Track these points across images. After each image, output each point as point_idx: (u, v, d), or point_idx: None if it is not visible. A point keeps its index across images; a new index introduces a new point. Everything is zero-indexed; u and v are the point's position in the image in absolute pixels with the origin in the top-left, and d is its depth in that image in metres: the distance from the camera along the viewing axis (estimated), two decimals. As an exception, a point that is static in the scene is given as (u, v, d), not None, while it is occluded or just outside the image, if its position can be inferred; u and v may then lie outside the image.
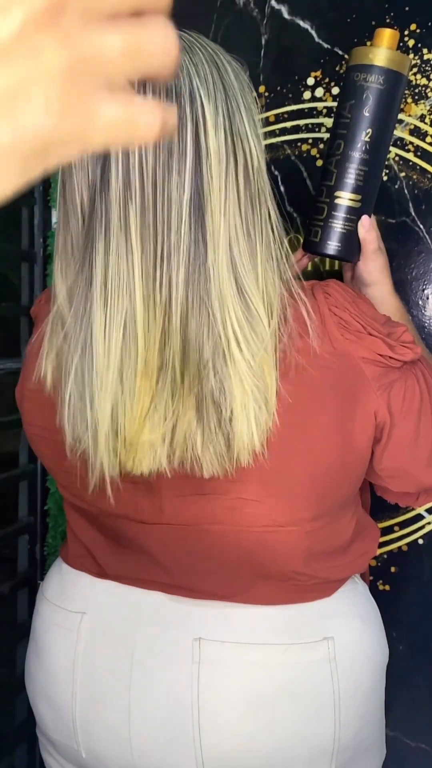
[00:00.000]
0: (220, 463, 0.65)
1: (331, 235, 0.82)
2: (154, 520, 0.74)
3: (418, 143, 1.11)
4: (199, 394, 0.63)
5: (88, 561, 0.82)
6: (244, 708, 0.73)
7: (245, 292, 0.63)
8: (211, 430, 0.64)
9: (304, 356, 0.67)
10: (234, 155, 0.63)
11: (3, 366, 1.30)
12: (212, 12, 1.22)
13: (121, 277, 0.61)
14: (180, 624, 0.76)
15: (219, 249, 0.61)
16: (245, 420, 0.63)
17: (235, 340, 0.62)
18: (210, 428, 0.64)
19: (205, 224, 0.61)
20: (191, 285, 0.61)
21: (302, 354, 0.67)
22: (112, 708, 0.76)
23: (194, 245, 0.61)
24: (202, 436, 0.64)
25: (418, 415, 0.72)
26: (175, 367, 0.62)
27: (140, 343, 0.61)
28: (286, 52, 1.19)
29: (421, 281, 1.13)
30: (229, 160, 0.62)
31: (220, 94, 0.63)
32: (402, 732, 1.17)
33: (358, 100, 0.80)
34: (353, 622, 0.79)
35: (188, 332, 0.61)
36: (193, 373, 0.62)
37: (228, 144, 0.62)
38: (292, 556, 0.73)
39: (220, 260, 0.61)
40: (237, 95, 0.64)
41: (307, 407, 0.68)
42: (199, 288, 0.61)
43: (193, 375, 0.62)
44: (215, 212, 0.61)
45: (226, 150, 0.62)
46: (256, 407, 0.64)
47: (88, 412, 0.63)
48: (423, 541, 1.15)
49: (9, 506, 1.44)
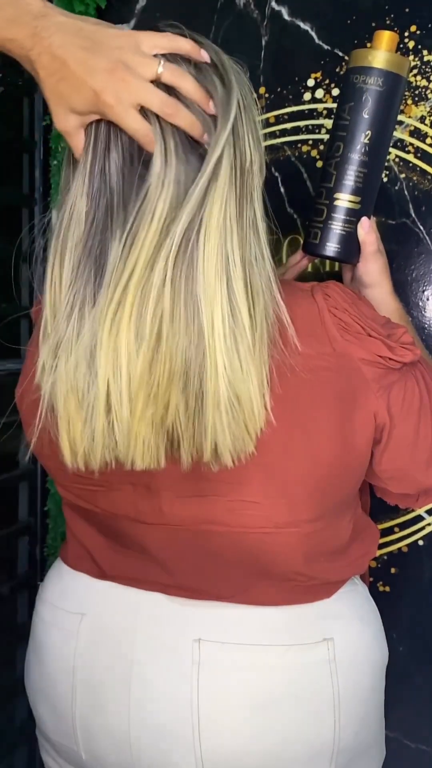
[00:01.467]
0: (215, 458, 0.64)
1: (330, 237, 0.82)
2: (154, 521, 0.74)
3: (418, 144, 1.11)
4: (186, 392, 0.62)
5: (88, 562, 0.82)
6: (243, 709, 0.73)
7: (233, 291, 0.62)
8: (196, 428, 0.63)
9: (302, 358, 0.67)
10: (231, 156, 0.63)
11: (3, 366, 1.30)
12: (212, 13, 1.23)
13: (114, 275, 0.61)
14: (180, 625, 0.76)
15: (210, 242, 0.61)
16: (222, 423, 0.62)
17: (222, 339, 0.61)
18: (194, 425, 0.63)
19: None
20: (177, 282, 0.60)
21: (300, 355, 0.67)
22: (112, 709, 0.76)
23: (185, 242, 0.60)
24: (190, 432, 0.63)
25: (418, 417, 0.72)
26: (165, 365, 0.61)
27: (131, 339, 0.60)
28: (287, 54, 1.19)
29: (421, 282, 1.13)
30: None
31: (222, 95, 0.63)
32: (402, 733, 1.17)
33: (358, 102, 0.80)
34: (353, 623, 0.79)
35: (176, 336, 0.60)
36: (179, 371, 0.61)
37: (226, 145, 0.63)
38: (291, 557, 0.73)
39: (209, 254, 0.61)
40: (237, 96, 0.65)
41: (307, 408, 0.68)
42: (188, 285, 0.60)
43: (179, 373, 0.61)
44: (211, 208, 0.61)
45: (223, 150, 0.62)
46: (234, 410, 0.62)
47: (84, 408, 0.62)
48: (423, 542, 1.15)
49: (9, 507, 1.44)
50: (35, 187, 1.42)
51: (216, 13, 1.22)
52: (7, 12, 0.58)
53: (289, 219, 1.19)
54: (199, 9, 1.23)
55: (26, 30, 0.58)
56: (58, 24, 0.59)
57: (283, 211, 1.19)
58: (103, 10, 1.29)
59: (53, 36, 0.59)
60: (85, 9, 1.27)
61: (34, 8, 0.59)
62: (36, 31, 0.58)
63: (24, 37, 0.59)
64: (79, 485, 0.76)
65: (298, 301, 0.70)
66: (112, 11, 1.31)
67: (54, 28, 0.59)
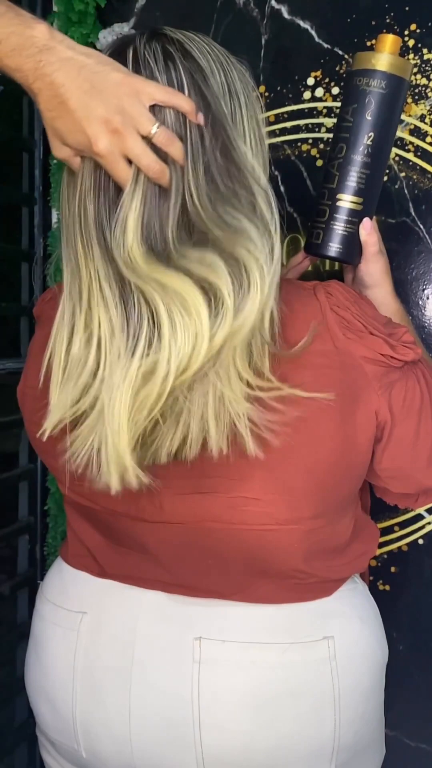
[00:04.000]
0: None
1: (332, 237, 0.83)
2: (155, 519, 0.74)
3: (419, 143, 1.11)
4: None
5: (89, 560, 0.82)
6: (244, 707, 0.73)
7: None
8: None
9: (303, 354, 0.67)
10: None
11: (3, 366, 1.30)
12: (212, 12, 1.23)
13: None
14: (180, 623, 0.76)
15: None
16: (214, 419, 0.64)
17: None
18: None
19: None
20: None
21: (302, 352, 0.67)
22: (113, 707, 0.76)
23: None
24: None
25: (419, 416, 0.72)
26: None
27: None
28: (286, 52, 1.19)
29: (421, 281, 1.13)
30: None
31: (224, 96, 0.65)
32: (402, 732, 1.17)
33: (361, 104, 0.81)
34: (353, 622, 0.79)
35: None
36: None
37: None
38: (292, 554, 0.73)
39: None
40: (240, 96, 0.66)
41: (309, 405, 0.68)
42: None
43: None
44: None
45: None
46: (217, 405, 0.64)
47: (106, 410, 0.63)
48: (423, 541, 1.15)
49: (9, 506, 1.44)
50: (35, 186, 1.42)
51: (216, 11, 1.22)
52: (12, 41, 0.58)
53: (289, 218, 1.19)
54: (199, 8, 1.23)
55: (30, 63, 0.58)
56: (62, 60, 0.59)
57: (283, 210, 1.19)
58: (102, 9, 1.29)
59: (56, 73, 0.59)
60: (84, 7, 1.27)
61: (39, 40, 0.58)
62: (39, 65, 0.58)
63: (27, 70, 0.59)
64: (80, 482, 0.76)
65: (301, 299, 0.71)
66: (111, 10, 1.31)
67: (58, 64, 0.59)
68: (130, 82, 0.61)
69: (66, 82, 0.59)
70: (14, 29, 0.58)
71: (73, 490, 0.79)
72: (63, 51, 0.59)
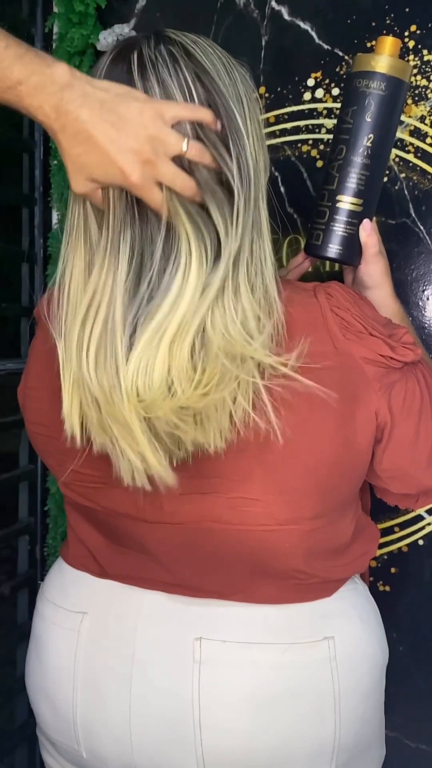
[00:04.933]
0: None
1: (332, 239, 0.83)
2: (155, 519, 0.74)
3: (418, 144, 1.11)
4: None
5: (89, 561, 0.82)
6: (244, 707, 0.73)
7: (239, 293, 0.64)
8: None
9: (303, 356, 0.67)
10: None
11: (3, 366, 1.30)
12: (213, 13, 1.23)
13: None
14: (181, 623, 0.76)
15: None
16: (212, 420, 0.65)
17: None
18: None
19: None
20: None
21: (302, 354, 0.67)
22: (113, 708, 0.76)
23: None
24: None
25: (419, 416, 0.72)
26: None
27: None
28: (286, 53, 1.19)
29: (421, 282, 1.13)
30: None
31: (231, 98, 0.66)
32: (402, 733, 1.17)
33: (360, 105, 0.81)
34: (353, 622, 0.79)
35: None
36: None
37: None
38: (292, 554, 0.73)
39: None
40: (243, 98, 0.67)
41: (309, 406, 0.68)
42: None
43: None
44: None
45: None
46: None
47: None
48: (423, 542, 1.15)
49: (9, 507, 1.44)
50: (35, 186, 1.42)
51: (216, 12, 1.22)
52: (34, 80, 0.58)
53: (289, 218, 1.19)
54: (199, 9, 1.23)
55: (53, 100, 0.59)
56: (84, 96, 0.59)
57: (283, 210, 1.19)
58: (103, 10, 1.29)
59: (79, 109, 0.59)
60: (85, 8, 1.27)
61: (60, 78, 0.59)
62: (62, 102, 0.59)
63: (50, 107, 0.59)
64: (81, 482, 0.77)
65: (301, 300, 0.71)
66: (112, 11, 1.31)
67: (80, 100, 0.59)
68: (152, 106, 0.61)
69: (91, 117, 0.59)
70: (35, 68, 0.58)
71: (73, 490, 0.79)
72: (83, 87, 0.60)
